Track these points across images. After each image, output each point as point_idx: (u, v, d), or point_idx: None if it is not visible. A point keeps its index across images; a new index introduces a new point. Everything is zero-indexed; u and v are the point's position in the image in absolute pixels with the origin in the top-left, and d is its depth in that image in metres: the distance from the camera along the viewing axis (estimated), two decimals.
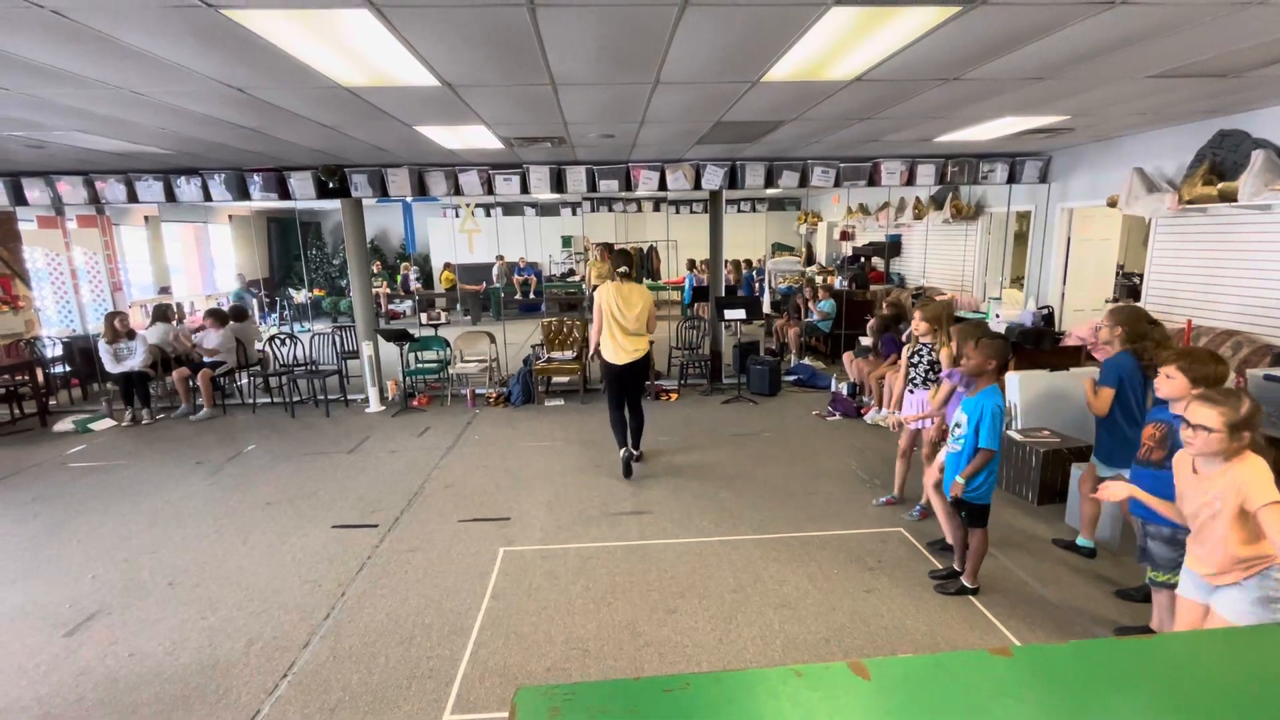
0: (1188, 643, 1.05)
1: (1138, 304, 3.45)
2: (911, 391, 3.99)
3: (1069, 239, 6.72)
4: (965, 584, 3.14)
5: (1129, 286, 7.26)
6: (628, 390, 4.71)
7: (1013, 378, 4.60)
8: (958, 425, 3.02)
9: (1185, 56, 3.23)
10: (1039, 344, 5.87)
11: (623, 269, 4.69)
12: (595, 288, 4.92)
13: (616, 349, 4.58)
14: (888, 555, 3.55)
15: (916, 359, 3.94)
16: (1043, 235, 7.00)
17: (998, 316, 6.75)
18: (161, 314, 7.59)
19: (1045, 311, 6.64)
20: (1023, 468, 4.24)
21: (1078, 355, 5.41)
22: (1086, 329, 5.56)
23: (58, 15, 2.36)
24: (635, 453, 4.88)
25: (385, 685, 2.62)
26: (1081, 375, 3.31)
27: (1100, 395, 3.12)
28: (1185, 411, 2.02)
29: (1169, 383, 2.47)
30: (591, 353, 4.85)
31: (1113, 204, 5.65)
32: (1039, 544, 3.66)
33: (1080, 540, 3.55)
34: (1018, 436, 4.31)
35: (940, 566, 3.38)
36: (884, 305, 3.57)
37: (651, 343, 4.80)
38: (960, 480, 2.94)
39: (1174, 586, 2.33)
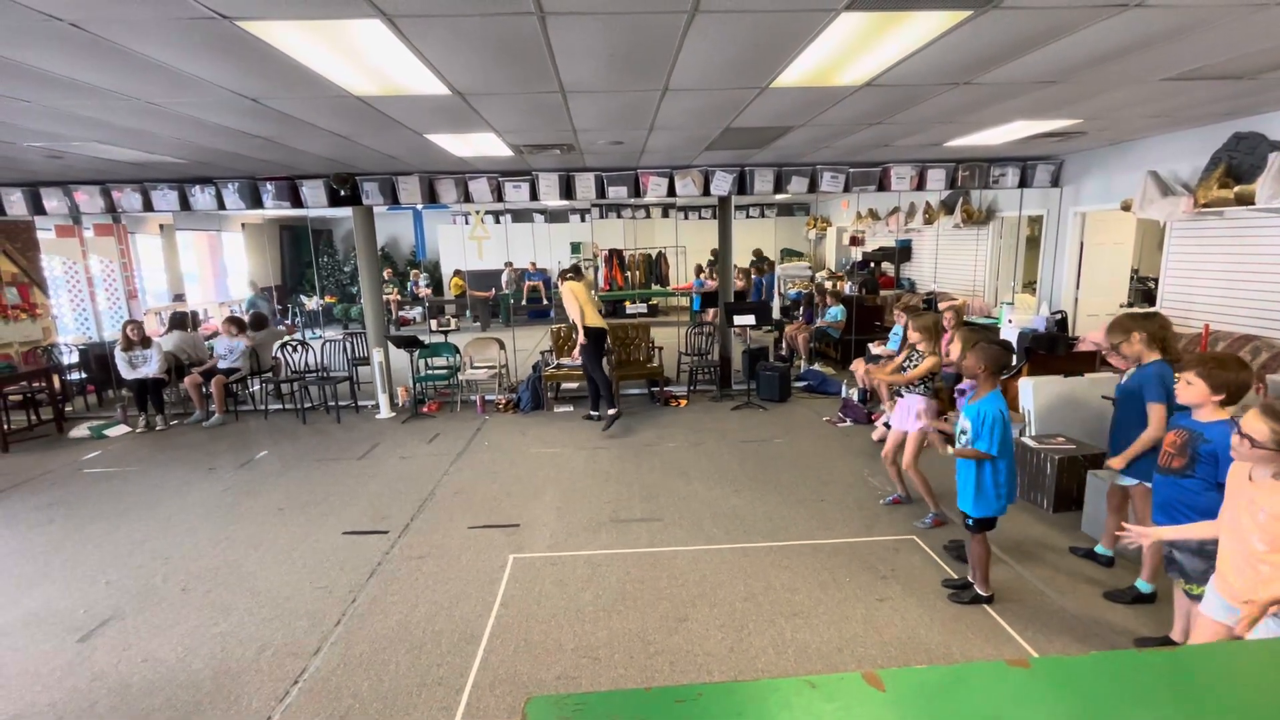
0: (1211, 655, 1.02)
1: (1136, 309, 3.32)
2: (901, 395, 4.01)
3: (1082, 243, 6.66)
4: (979, 592, 3.10)
5: (1144, 291, 7.18)
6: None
7: (1026, 384, 4.55)
8: (963, 433, 3.00)
9: (1200, 59, 3.20)
10: (1052, 349, 5.81)
11: (570, 273, 6.33)
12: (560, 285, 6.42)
13: (599, 317, 6.10)
14: (900, 563, 3.51)
15: (908, 364, 3.96)
16: (1055, 240, 6.94)
17: (1010, 322, 6.69)
18: (179, 322, 7.68)
19: (1058, 317, 6.57)
20: (1038, 475, 4.19)
21: (1092, 361, 5.35)
22: (1100, 334, 5.50)
23: (77, 28, 2.40)
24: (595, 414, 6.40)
25: (395, 693, 2.62)
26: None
27: (1155, 414, 2.88)
28: (1242, 420, 1.95)
29: (1188, 389, 2.42)
30: (582, 330, 5.93)
31: (1127, 207, 5.60)
32: (1055, 553, 3.61)
33: (1099, 549, 3.50)
34: (1032, 443, 4.26)
35: (955, 575, 3.34)
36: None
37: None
38: (968, 447, 2.89)
39: None
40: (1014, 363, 3.01)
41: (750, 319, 6.77)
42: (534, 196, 6.70)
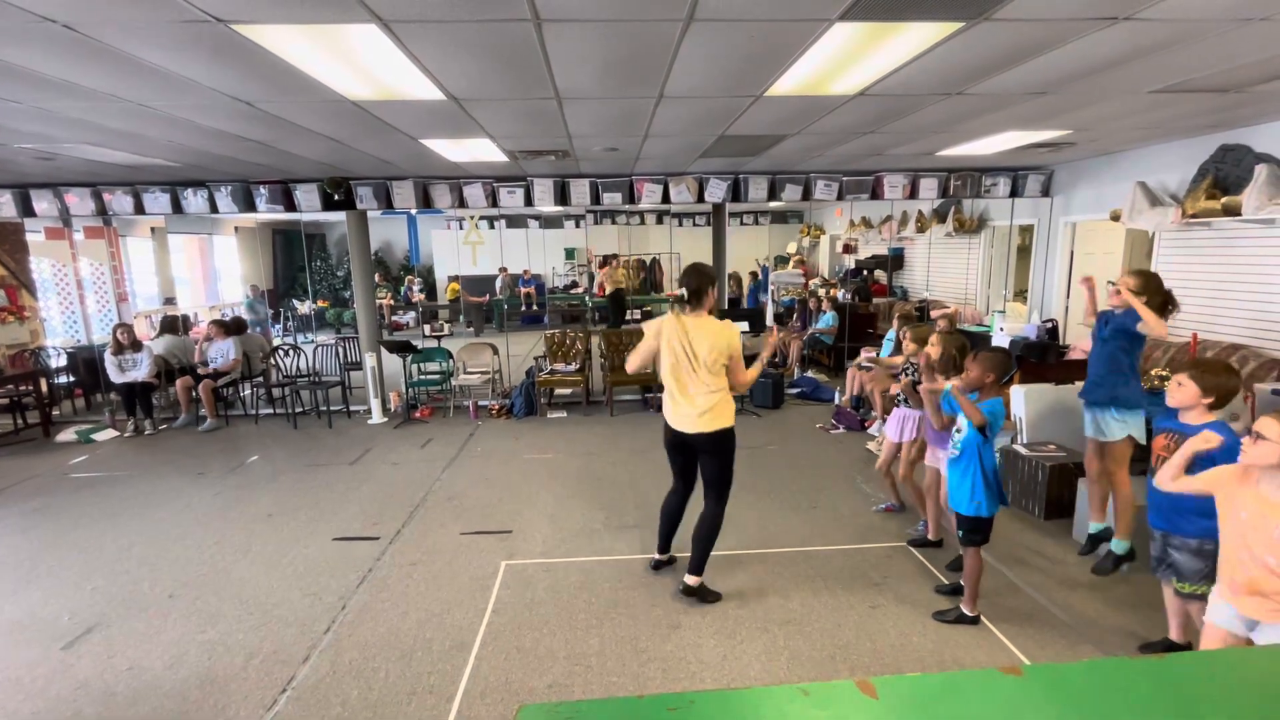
0: (1203, 662, 1.03)
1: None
2: (898, 406, 3.99)
3: (1072, 252, 6.72)
4: (964, 612, 3.02)
5: None
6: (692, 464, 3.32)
7: (1018, 391, 4.57)
8: (957, 430, 3.00)
9: (1187, 72, 3.24)
10: (1043, 357, 5.84)
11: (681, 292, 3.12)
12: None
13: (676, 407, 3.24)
14: (893, 571, 3.51)
15: (903, 376, 3.95)
16: (1045, 249, 7.01)
17: (1001, 330, 6.73)
18: (170, 326, 7.63)
19: (1049, 325, 6.62)
20: (1029, 482, 4.21)
21: (1082, 369, 5.38)
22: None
23: (70, 30, 2.39)
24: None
25: (385, 701, 2.59)
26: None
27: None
28: (1256, 425, 1.95)
29: (1179, 390, 2.44)
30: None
31: (1116, 218, 5.65)
32: (1047, 560, 3.62)
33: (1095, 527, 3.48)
34: (1024, 450, 4.28)
35: (947, 582, 3.34)
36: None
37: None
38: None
39: (1203, 597, 2.27)
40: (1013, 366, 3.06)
41: (744, 326, 6.78)
42: (529, 202, 6.71)
